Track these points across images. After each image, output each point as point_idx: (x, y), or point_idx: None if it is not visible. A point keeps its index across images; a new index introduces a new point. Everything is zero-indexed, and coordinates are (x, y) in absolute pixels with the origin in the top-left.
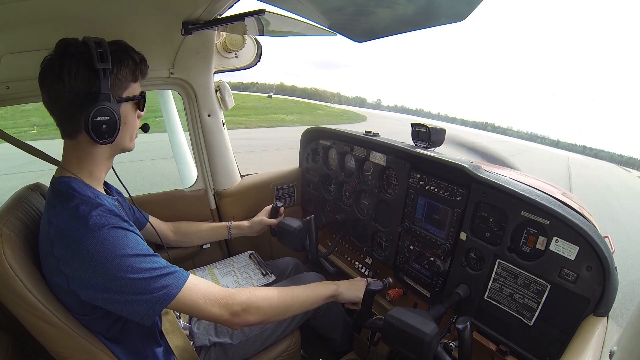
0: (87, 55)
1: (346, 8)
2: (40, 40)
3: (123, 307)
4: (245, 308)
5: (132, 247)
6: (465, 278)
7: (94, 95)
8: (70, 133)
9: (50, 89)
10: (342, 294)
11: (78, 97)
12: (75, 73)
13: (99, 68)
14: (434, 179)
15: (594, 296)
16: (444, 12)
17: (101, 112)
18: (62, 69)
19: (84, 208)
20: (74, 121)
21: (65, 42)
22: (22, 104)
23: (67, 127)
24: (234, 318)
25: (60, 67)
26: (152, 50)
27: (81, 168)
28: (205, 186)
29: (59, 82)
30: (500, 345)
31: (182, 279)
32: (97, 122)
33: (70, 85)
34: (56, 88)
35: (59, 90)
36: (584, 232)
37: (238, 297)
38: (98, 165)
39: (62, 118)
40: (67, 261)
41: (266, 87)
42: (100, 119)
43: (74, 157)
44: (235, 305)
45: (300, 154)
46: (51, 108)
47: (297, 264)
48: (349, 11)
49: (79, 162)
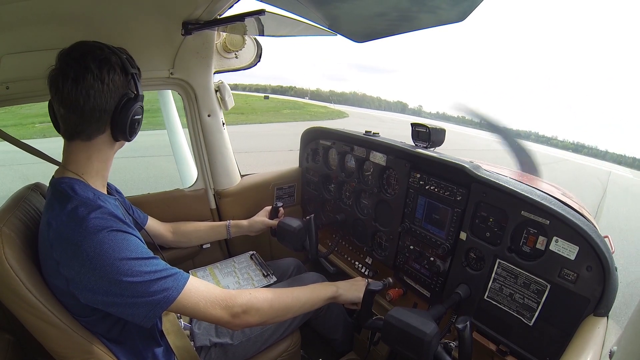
0: (120, 60)
1: (346, 8)
2: (40, 40)
3: (123, 310)
4: (245, 310)
5: (131, 250)
6: (465, 278)
7: (133, 97)
8: (89, 134)
9: (89, 87)
10: (342, 295)
11: (114, 98)
12: (113, 76)
13: (133, 72)
14: (434, 179)
15: (594, 296)
16: (444, 12)
17: (138, 112)
18: (102, 69)
19: (82, 210)
20: (100, 121)
21: (90, 44)
22: (22, 104)
23: (87, 128)
24: (235, 320)
25: (98, 70)
26: (152, 50)
27: (89, 168)
28: (205, 186)
29: (98, 83)
30: (500, 346)
31: (182, 281)
32: (134, 121)
33: (108, 86)
34: (95, 88)
35: (97, 90)
36: (584, 232)
37: (239, 298)
38: (107, 163)
39: (84, 119)
40: (66, 264)
41: (304, 91)
42: (136, 118)
43: (83, 158)
44: (235, 307)
45: (300, 153)
46: (72, 108)
47: (298, 265)
48: (349, 11)
49: (88, 162)
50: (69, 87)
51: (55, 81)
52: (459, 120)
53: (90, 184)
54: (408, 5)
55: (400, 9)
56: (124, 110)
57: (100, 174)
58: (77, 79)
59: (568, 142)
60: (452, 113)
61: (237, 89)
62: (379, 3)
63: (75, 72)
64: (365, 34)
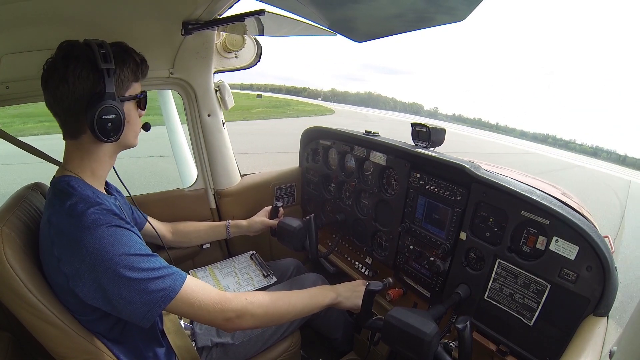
0: (91, 56)
1: (346, 8)
2: (40, 40)
3: (121, 309)
4: (239, 315)
5: (130, 246)
6: (465, 278)
7: (99, 95)
8: (73, 133)
9: (55, 90)
10: (341, 303)
11: (83, 97)
12: (80, 74)
13: (102, 68)
14: (434, 179)
15: (594, 296)
16: (443, 12)
17: (107, 111)
18: (67, 70)
19: (81, 206)
20: (78, 121)
21: (68, 43)
22: (22, 103)
23: (71, 127)
24: (227, 323)
25: (64, 69)
26: (152, 50)
27: (83, 167)
28: (205, 186)
29: (64, 83)
30: (500, 346)
31: (180, 280)
32: (103, 121)
33: (74, 85)
34: (61, 89)
35: (63, 91)
36: (584, 232)
37: (233, 303)
38: (101, 163)
39: (66, 118)
40: (66, 260)
41: (317, 92)
42: (105, 118)
43: (77, 157)
44: (229, 312)
45: (300, 153)
46: (55, 109)
47: (298, 265)
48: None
49: (81, 162)
50: (48, 90)
51: (42, 84)
52: (474, 122)
53: (88, 182)
54: (408, 5)
55: (400, 9)
56: (89, 110)
57: (97, 173)
58: (48, 81)
59: (586, 145)
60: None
61: (252, 89)
62: (379, 3)
63: (47, 74)
64: (365, 33)
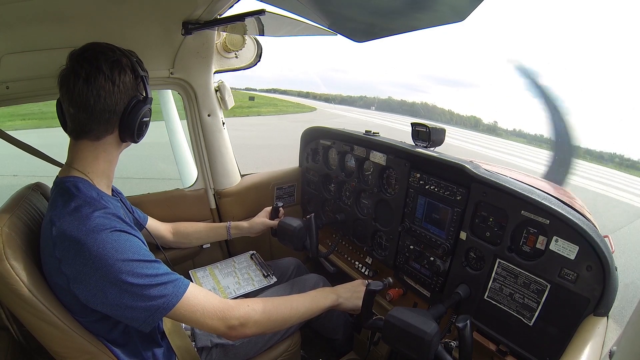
0: (130, 62)
1: (346, 6)
2: (40, 40)
3: (122, 313)
4: (243, 323)
5: (133, 251)
6: (465, 278)
7: (142, 99)
8: (98, 134)
9: (100, 88)
10: (341, 305)
11: (122, 100)
12: (124, 76)
13: (143, 75)
14: (434, 179)
15: (594, 296)
16: (444, 13)
17: (146, 114)
18: (113, 71)
19: (86, 209)
20: (109, 122)
21: (104, 46)
22: (22, 103)
23: (96, 128)
24: (231, 331)
25: (110, 70)
26: (152, 50)
27: (95, 168)
28: (205, 186)
29: (109, 83)
30: (500, 345)
31: (182, 288)
32: (142, 123)
33: (119, 87)
34: (107, 88)
35: (108, 90)
36: (584, 231)
37: (236, 311)
38: (112, 164)
39: (96, 118)
40: (68, 262)
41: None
42: (144, 120)
43: (91, 157)
44: (232, 320)
45: (300, 153)
46: (84, 108)
47: (298, 265)
48: (348, 10)
49: (95, 162)
50: (80, 86)
51: (67, 81)
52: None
53: (95, 183)
54: (407, 5)
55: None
56: (133, 112)
57: (106, 174)
58: (89, 79)
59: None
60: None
61: None
62: (379, 3)
63: (87, 73)
64: (365, 33)
